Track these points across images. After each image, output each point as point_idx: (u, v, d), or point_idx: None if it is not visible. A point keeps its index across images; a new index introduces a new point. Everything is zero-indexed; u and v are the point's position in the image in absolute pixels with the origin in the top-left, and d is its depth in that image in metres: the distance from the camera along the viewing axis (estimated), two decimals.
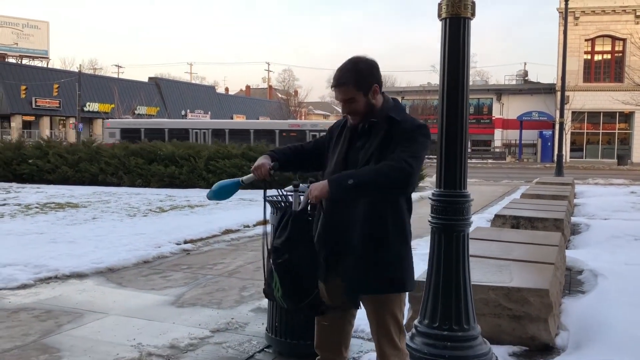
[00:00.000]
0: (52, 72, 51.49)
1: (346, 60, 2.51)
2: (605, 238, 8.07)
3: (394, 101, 2.60)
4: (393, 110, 2.53)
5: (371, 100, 2.50)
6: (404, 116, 2.52)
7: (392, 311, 2.50)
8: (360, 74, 2.47)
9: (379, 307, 2.51)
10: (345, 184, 2.31)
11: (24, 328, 4.37)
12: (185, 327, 4.41)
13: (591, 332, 4.06)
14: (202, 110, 65.96)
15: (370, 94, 2.49)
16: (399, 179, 2.33)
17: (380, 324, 2.51)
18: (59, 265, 6.18)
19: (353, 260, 2.44)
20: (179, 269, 6.51)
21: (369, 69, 2.50)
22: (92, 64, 79.80)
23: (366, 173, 2.35)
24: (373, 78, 2.50)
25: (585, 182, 21.16)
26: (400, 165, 2.33)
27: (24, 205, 11.96)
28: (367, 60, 2.53)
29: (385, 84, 2.70)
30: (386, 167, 2.34)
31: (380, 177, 2.33)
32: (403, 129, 2.45)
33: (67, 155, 18.25)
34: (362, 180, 2.32)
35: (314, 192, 2.37)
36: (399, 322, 2.52)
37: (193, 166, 16.91)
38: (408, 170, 2.33)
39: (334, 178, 2.37)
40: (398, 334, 2.52)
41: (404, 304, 2.57)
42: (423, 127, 2.50)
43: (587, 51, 40.43)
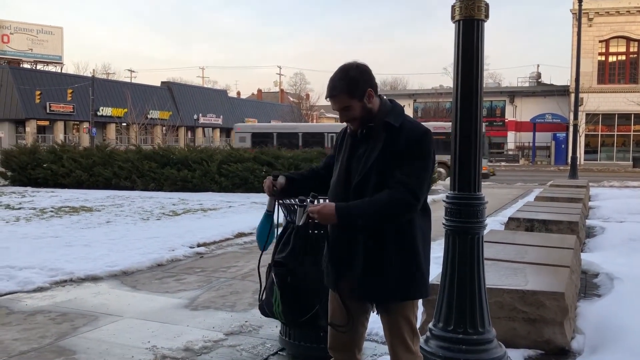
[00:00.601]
0: (66, 77, 52.04)
1: (337, 70, 2.52)
2: (621, 241, 7.99)
3: (392, 103, 2.57)
4: (391, 114, 2.50)
5: (367, 105, 2.50)
6: (402, 121, 2.48)
7: (405, 315, 2.49)
8: (352, 81, 2.47)
9: (392, 312, 2.50)
10: (355, 223, 2.39)
11: (41, 330, 4.41)
12: (199, 330, 4.43)
13: (607, 336, 4.02)
14: (214, 115, 66.27)
15: (365, 99, 2.49)
16: (403, 212, 2.38)
17: (393, 328, 2.51)
18: (74, 268, 6.24)
19: (360, 270, 2.44)
20: (192, 272, 6.54)
21: (359, 74, 2.49)
22: (105, 68, 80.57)
23: (373, 211, 2.36)
24: (365, 83, 2.49)
25: (600, 185, 20.97)
26: (402, 197, 2.34)
27: (39, 209, 12.09)
28: (358, 65, 2.52)
29: (396, 87, 2.70)
30: (390, 202, 2.35)
31: (386, 213, 2.37)
32: (405, 139, 2.41)
33: (81, 159, 18.42)
34: (369, 219, 2.37)
35: (320, 217, 2.40)
36: (413, 326, 2.52)
37: (206, 170, 16.99)
38: (411, 202, 2.36)
39: (344, 212, 2.38)
40: (412, 337, 2.51)
41: (417, 307, 2.57)
42: (425, 134, 2.45)
43: (601, 52, 40.09)
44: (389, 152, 2.43)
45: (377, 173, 2.43)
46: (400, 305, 2.48)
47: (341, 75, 2.49)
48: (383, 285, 2.43)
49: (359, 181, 2.47)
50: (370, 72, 2.53)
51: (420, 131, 2.46)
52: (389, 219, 2.39)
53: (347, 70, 2.49)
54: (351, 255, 2.46)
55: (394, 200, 2.35)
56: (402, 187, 2.36)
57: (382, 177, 2.42)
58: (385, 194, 2.37)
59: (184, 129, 59.87)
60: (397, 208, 2.36)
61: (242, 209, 12.58)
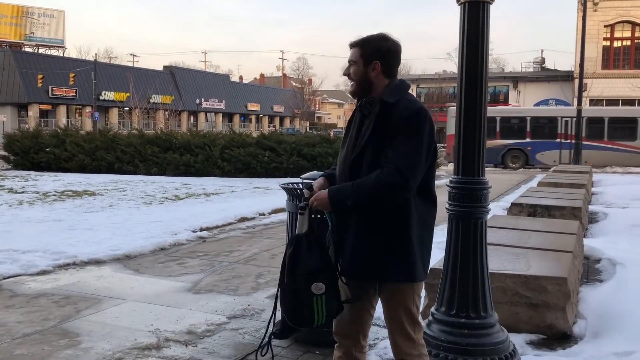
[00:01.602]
0: (68, 61, 51.87)
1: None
2: (623, 227, 7.98)
3: (400, 82, 2.53)
4: (388, 92, 2.46)
5: (369, 75, 2.48)
6: (399, 99, 2.43)
7: (403, 303, 2.47)
8: (369, 44, 2.49)
9: (390, 299, 2.49)
10: (344, 204, 2.38)
11: (44, 313, 4.43)
12: (202, 314, 4.45)
13: (609, 321, 4.03)
14: (217, 99, 66.11)
15: (369, 68, 2.48)
16: (392, 193, 2.34)
17: (392, 315, 2.50)
18: (77, 252, 6.26)
19: (350, 247, 2.44)
20: (195, 256, 6.55)
21: (379, 44, 2.49)
22: (107, 52, 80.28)
23: (363, 192, 2.34)
24: (379, 55, 2.47)
25: (603, 171, 20.91)
26: (392, 179, 2.30)
27: (42, 193, 12.11)
28: (387, 38, 2.51)
29: (400, 72, 2.63)
30: (378, 183, 2.31)
31: (374, 194, 2.34)
32: (397, 116, 2.37)
33: (84, 143, 18.42)
34: (359, 200, 2.36)
35: (318, 204, 2.43)
36: (412, 314, 2.49)
37: (208, 154, 16.98)
38: (400, 183, 2.31)
39: (334, 194, 2.40)
40: (412, 325, 2.49)
41: (418, 295, 2.52)
42: (418, 113, 2.38)
43: (606, 37, 39.72)
44: (381, 129, 2.40)
45: (372, 150, 2.40)
46: (398, 292, 2.46)
47: (371, 35, 2.53)
48: (368, 265, 2.42)
49: (354, 157, 2.45)
50: (390, 52, 2.50)
51: (412, 109, 2.39)
52: (378, 200, 2.35)
53: (378, 35, 2.53)
54: (346, 235, 2.47)
55: (381, 181, 2.31)
56: (391, 168, 2.32)
57: (376, 155, 2.39)
58: (374, 175, 2.34)
59: (186, 114, 59.77)
60: (385, 189, 2.32)
61: (244, 193, 12.58)
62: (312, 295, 2.37)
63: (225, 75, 76.45)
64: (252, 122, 74.20)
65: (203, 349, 3.78)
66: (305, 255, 2.41)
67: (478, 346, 3.00)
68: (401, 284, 2.45)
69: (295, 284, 2.40)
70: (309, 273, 2.38)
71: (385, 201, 2.37)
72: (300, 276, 2.39)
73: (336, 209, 2.42)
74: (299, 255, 2.42)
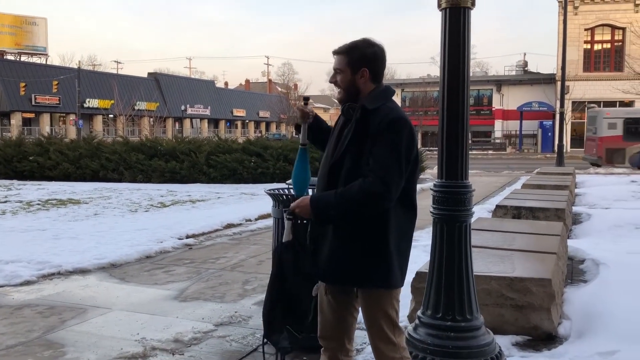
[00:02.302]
0: (51, 68, 51.40)
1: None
2: (606, 227, 8.07)
3: (384, 88, 2.54)
4: (370, 98, 2.46)
5: (357, 82, 2.49)
6: (379, 106, 2.43)
7: (382, 308, 2.48)
8: (356, 51, 2.49)
9: (369, 304, 2.50)
10: (327, 214, 2.39)
11: (28, 324, 4.38)
12: (188, 321, 4.43)
13: (594, 321, 4.07)
14: (202, 105, 65.87)
15: (357, 75, 2.49)
16: (374, 203, 2.34)
17: (372, 320, 2.52)
18: (61, 261, 6.20)
19: (329, 252, 2.46)
20: (181, 263, 6.52)
21: (367, 51, 2.50)
22: (91, 60, 79.78)
23: (346, 202, 2.34)
24: (366, 61, 2.48)
25: (586, 172, 21.14)
26: (375, 188, 2.30)
27: (25, 202, 11.98)
28: (372, 44, 2.52)
29: (385, 77, 2.64)
30: (360, 192, 2.31)
31: (356, 203, 2.34)
32: (377, 123, 2.37)
33: (68, 151, 18.25)
34: (342, 210, 2.36)
35: (300, 211, 2.43)
36: (391, 318, 2.50)
37: (194, 161, 16.91)
38: (382, 193, 2.31)
39: (316, 203, 2.40)
40: (392, 329, 2.50)
41: (396, 300, 2.54)
42: (396, 121, 2.37)
43: (586, 40, 40.26)
44: (360, 136, 2.40)
45: (351, 157, 2.41)
46: (376, 298, 2.48)
47: (356, 41, 2.53)
48: (347, 270, 2.44)
49: (333, 162, 2.46)
50: (377, 58, 2.52)
51: (390, 118, 2.38)
52: (361, 209, 2.35)
53: (363, 40, 2.53)
54: (324, 240, 2.48)
55: (364, 191, 2.31)
56: (372, 177, 2.32)
57: (356, 161, 2.39)
58: (357, 184, 2.34)
59: (171, 120, 59.47)
60: (367, 198, 2.32)
61: (231, 200, 12.55)
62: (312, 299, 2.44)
63: (210, 81, 76.22)
64: (238, 128, 74.01)
65: (190, 357, 3.76)
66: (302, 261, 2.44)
67: (464, 349, 3.02)
68: (379, 290, 2.47)
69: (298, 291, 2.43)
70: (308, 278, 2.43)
71: (368, 211, 2.37)
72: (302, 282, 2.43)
73: (319, 218, 2.42)
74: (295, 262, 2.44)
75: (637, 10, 38.26)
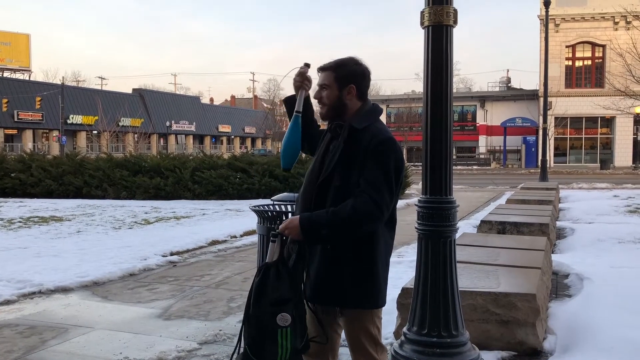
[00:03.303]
0: (34, 84, 51.10)
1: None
2: (590, 242, 8.14)
3: (372, 107, 2.55)
4: (358, 117, 2.47)
5: (344, 98, 2.50)
6: (367, 125, 2.44)
7: (364, 326, 2.48)
8: (344, 68, 2.52)
9: (351, 323, 2.50)
10: (318, 234, 2.34)
11: (7, 345, 4.29)
12: (172, 340, 4.37)
13: (578, 335, 4.08)
14: (187, 121, 65.76)
15: (344, 91, 2.50)
16: (366, 223, 2.34)
17: (354, 339, 2.51)
18: (43, 279, 6.10)
19: (315, 271, 2.44)
20: (165, 281, 6.45)
21: (353, 68, 2.52)
22: (75, 76, 79.30)
23: (338, 221, 2.31)
24: (353, 78, 2.50)
25: (570, 187, 21.37)
26: (367, 208, 2.30)
27: (6, 219, 11.80)
28: (359, 63, 2.55)
29: (369, 92, 2.67)
30: (353, 212, 2.30)
31: (349, 223, 2.32)
32: (365, 144, 2.38)
33: (51, 168, 18.06)
34: (334, 230, 2.33)
35: (289, 232, 2.37)
36: (373, 337, 2.50)
37: (179, 177, 16.81)
38: (375, 213, 2.32)
39: (306, 223, 2.34)
40: (374, 347, 2.50)
41: (378, 317, 2.54)
42: (384, 142, 2.39)
43: (568, 57, 40.98)
44: (349, 155, 2.41)
45: (340, 176, 2.41)
46: (359, 317, 2.47)
47: (343, 59, 2.55)
48: (333, 291, 2.41)
49: (322, 181, 2.45)
50: (365, 76, 2.55)
51: (379, 139, 2.39)
52: (353, 229, 2.34)
53: (350, 59, 2.55)
54: (312, 262, 2.45)
55: (357, 211, 2.31)
56: (364, 197, 2.31)
57: (345, 181, 2.39)
58: (349, 204, 2.32)
59: (156, 136, 59.25)
60: (360, 218, 2.31)
61: (216, 216, 12.47)
62: (276, 327, 2.26)
63: (195, 97, 76.21)
64: (224, 144, 73.94)
65: None
66: (273, 284, 2.31)
67: None
68: (363, 310, 2.46)
69: (260, 314, 2.30)
70: (275, 303, 2.28)
71: (360, 230, 2.36)
72: (266, 306, 2.29)
73: (309, 238, 2.36)
74: (265, 284, 2.32)
75: (617, 28, 39.06)
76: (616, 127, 40.38)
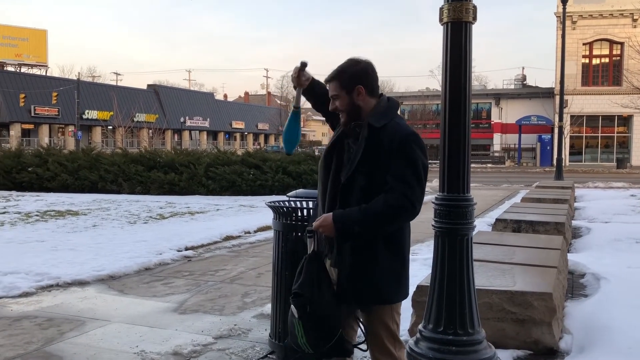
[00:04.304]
0: (50, 80, 51.60)
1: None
2: (606, 241, 8.07)
3: (388, 102, 2.55)
4: (376, 115, 2.47)
5: (355, 101, 2.50)
6: (386, 122, 2.44)
7: (383, 321, 2.49)
8: (345, 73, 2.52)
9: (371, 317, 2.52)
10: (351, 230, 2.37)
11: (26, 336, 4.35)
12: (188, 334, 4.40)
13: (595, 336, 4.05)
14: (201, 117, 66.03)
15: (354, 94, 2.50)
16: (400, 218, 2.38)
17: (372, 333, 2.52)
18: (60, 273, 6.17)
19: (346, 273, 2.46)
20: (180, 275, 6.49)
21: (353, 69, 2.52)
22: (90, 71, 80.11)
23: (371, 217, 2.35)
24: (358, 79, 2.50)
25: (585, 186, 21.17)
26: (400, 203, 2.33)
27: (24, 213, 11.95)
28: (359, 61, 2.54)
29: (383, 89, 2.67)
30: (386, 208, 2.33)
31: (382, 219, 2.36)
32: (388, 141, 2.39)
33: (67, 162, 18.24)
34: (367, 225, 2.36)
35: (324, 230, 2.42)
36: (392, 331, 2.51)
37: (193, 173, 16.90)
38: (408, 208, 2.35)
39: (339, 219, 2.38)
40: (392, 342, 2.51)
41: (397, 313, 2.56)
42: (407, 138, 2.41)
43: (585, 55, 40.54)
44: (371, 155, 2.41)
45: (363, 175, 2.42)
46: (378, 311, 2.48)
47: (342, 65, 2.55)
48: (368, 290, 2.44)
49: (345, 182, 2.47)
50: (367, 72, 2.53)
51: (402, 135, 2.40)
52: (386, 225, 2.37)
53: (347, 61, 2.55)
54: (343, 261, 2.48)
55: (390, 206, 2.34)
56: (396, 194, 2.33)
57: (369, 180, 2.40)
58: (381, 201, 2.35)
59: (170, 132, 59.58)
60: (393, 213, 2.34)
61: (229, 211, 12.53)
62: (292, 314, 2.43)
63: (209, 94, 76.48)
64: (237, 140, 74.15)
65: None
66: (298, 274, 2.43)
67: None
68: (390, 304, 2.47)
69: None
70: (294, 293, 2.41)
71: (392, 226, 2.40)
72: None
73: (342, 234, 2.40)
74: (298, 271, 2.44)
75: (635, 26, 38.58)
76: (633, 126, 39.90)
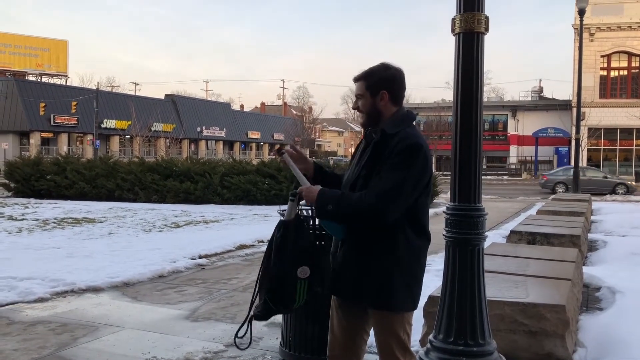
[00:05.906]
0: (70, 89, 52.34)
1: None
2: (623, 255, 7.96)
3: (405, 112, 2.57)
4: (391, 122, 2.50)
5: (378, 105, 2.53)
6: (399, 130, 2.46)
7: (394, 331, 2.49)
8: (373, 76, 2.55)
9: (381, 327, 2.51)
10: (326, 207, 2.43)
11: (41, 341, 4.41)
12: (199, 341, 4.42)
13: (609, 349, 4.00)
14: (218, 127, 66.47)
15: (377, 98, 2.53)
16: (366, 217, 2.39)
17: (382, 342, 2.52)
18: (75, 279, 6.24)
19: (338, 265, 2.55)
20: (193, 283, 6.53)
21: (383, 73, 2.55)
22: (109, 81, 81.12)
23: (345, 204, 2.41)
24: (384, 84, 2.52)
25: (603, 199, 20.92)
26: (370, 201, 2.35)
27: (41, 220, 12.11)
28: (389, 67, 2.57)
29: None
30: (358, 202, 2.38)
31: (352, 210, 2.40)
32: (392, 147, 2.41)
33: (85, 171, 18.47)
34: (339, 210, 2.42)
35: (306, 194, 2.52)
36: (402, 341, 2.51)
37: (208, 182, 17.02)
38: (378, 212, 2.35)
39: (322, 194, 2.47)
40: (402, 352, 2.50)
41: (408, 323, 2.55)
42: (411, 147, 2.39)
43: (603, 67, 40.23)
44: (375, 158, 2.45)
45: (364, 177, 2.46)
46: (388, 320, 2.48)
47: (373, 67, 2.59)
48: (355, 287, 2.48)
49: (351, 183, 2.54)
50: (395, 79, 2.56)
51: (406, 143, 2.41)
52: (354, 217, 2.42)
53: (379, 65, 2.59)
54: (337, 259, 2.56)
55: (361, 201, 2.38)
56: (372, 192, 2.36)
57: (367, 181, 2.44)
58: (358, 194, 2.41)
59: (187, 142, 60.01)
60: (361, 209, 2.37)
61: (244, 221, 12.58)
62: (296, 279, 2.44)
63: (226, 104, 77.01)
64: (253, 150, 74.50)
65: None
66: (293, 238, 2.48)
67: None
68: (391, 313, 2.47)
69: (281, 267, 2.45)
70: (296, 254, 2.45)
71: (361, 221, 2.43)
72: (287, 259, 2.45)
73: (318, 208, 2.48)
74: (287, 238, 2.49)
75: None
76: None
